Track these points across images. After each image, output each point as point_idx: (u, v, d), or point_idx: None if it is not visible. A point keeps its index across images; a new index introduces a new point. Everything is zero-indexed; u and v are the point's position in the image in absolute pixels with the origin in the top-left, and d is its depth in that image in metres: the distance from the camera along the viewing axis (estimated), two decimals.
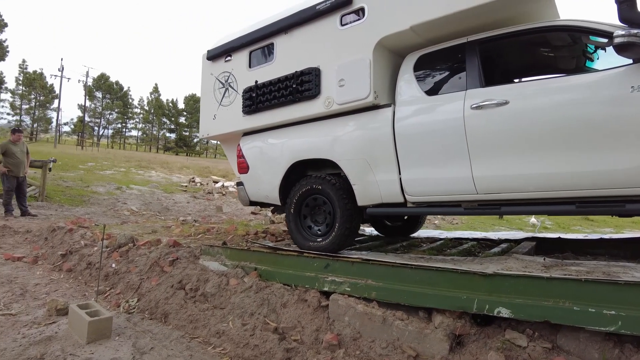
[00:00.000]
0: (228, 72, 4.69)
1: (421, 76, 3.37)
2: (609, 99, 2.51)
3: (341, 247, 3.59)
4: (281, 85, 3.99)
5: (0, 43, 30.03)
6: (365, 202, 3.52)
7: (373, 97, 3.37)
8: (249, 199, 4.53)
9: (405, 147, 3.24)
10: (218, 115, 4.80)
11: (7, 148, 7.66)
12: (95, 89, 65.96)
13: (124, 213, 9.66)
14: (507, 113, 2.80)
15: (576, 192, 2.62)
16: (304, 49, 3.93)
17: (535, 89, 2.85)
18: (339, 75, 3.59)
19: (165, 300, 3.78)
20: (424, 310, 2.86)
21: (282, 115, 4.06)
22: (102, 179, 16.16)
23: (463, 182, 2.97)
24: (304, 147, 3.88)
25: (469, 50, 3.12)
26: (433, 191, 3.15)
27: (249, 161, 4.39)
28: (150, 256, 4.45)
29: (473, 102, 2.93)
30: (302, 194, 3.84)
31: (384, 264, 2.98)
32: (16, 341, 3.14)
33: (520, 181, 2.78)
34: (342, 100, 3.56)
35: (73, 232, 5.62)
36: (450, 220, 14.11)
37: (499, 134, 2.83)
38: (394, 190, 3.32)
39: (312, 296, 3.21)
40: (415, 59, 3.41)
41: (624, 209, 2.51)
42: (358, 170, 3.49)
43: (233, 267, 3.84)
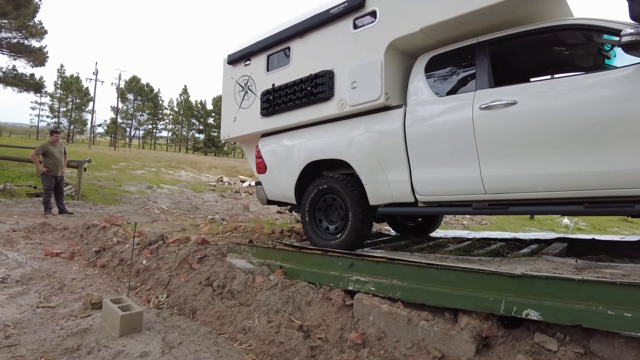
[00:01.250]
0: (247, 75, 4.84)
1: (432, 77, 3.40)
2: (617, 98, 2.48)
3: (354, 245, 3.66)
4: (296, 87, 4.11)
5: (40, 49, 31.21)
6: (376, 201, 3.58)
7: (384, 98, 3.42)
8: (266, 198, 4.68)
9: (415, 147, 3.29)
10: (238, 117, 4.97)
11: (46, 149, 8.03)
12: (127, 91, 68.17)
13: (154, 211, 9.95)
14: (516, 113, 2.81)
15: (584, 192, 2.62)
16: (318, 52, 4.03)
17: (543, 89, 2.85)
18: (352, 77, 3.67)
19: (193, 297, 3.88)
20: (449, 311, 2.82)
21: (298, 117, 4.18)
22: (134, 179, 16.69)
23: (472, 182, 3.00)
24: (318, 148, 3.99)
25: (479, 50, 3.13)
26: (443, 191, 3.19)
27: (266, 162, 4.53)
28: (179, 253, 4.58)
29: (482, 102, 2.95)
30: (316, 193, 3.95)
31: (410, 263, 2.96)
32: (55, 332, 3.30)
33: (528, 181, 2.79)
34: (354, 102, 3.64)
35: (106, 229, 5.84)
36: (479, 221, 13.82)
37: (507, 135, 2.85)
38: (404, 190, 3.38)
39: (337, 295, 3.22)
40: (427, 60, 3.44)
41: (634, 209, 2.49)
42: (370, 170, 3.56)
43: (259, 265, 3.90)
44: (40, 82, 34.09)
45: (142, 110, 72.07)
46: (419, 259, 3.22)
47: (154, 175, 19.75)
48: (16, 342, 3.11)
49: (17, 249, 5.58)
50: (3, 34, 29.76)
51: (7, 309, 3.76)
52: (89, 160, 11.05)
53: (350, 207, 3.66)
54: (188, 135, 77.76)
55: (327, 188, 3.86)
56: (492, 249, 3.95)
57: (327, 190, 3.87)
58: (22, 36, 30.07)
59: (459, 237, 4.85)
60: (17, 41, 30.13)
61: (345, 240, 3.66)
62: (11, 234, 6.11)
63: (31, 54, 30.85)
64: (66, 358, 2.90)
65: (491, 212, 3.08)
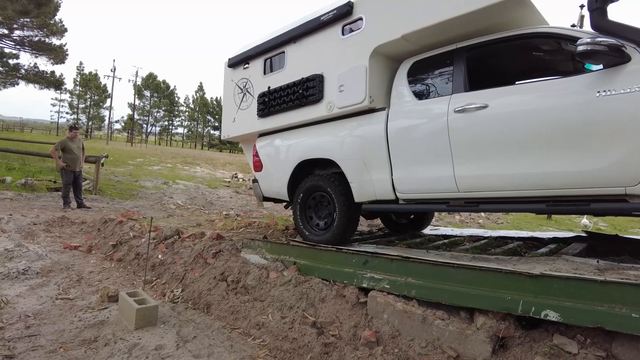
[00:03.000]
0: (246, 78, 5.06)
1: (413, 81, 3.55)
2: (576, 103, 2.62)
3: (341, 240, 3.86)
4: (290, 90, 4.31)
5: (60, 47, 31.82)
6: (361, 198, 3.77)
7: (368, 101, 3.59)
8: (262, 195, 4.91)
9: (396, 148, 3.46)
10: (237, 118, 5.20)
11: (65, 144, 8.19)
12: (143, 88, 69.11)
13: (170, 207, 10.07)
14: (486, 116, 2.95)
15: (548, 191, 2.77)
16: (310, 57, 4.21)
17: (511, 93, 3.01)
18: (340, 81, 3.85)
19: (207, 291, 3.91)
20: (465, 311, 2.78)
21: (291, 118, 4.38)
22: (150, 174, 16.92)
23: (446, 181, 3.16)
24: (309, 147, 4.19)
25: (457, 56, 3.28)
26: (420, 189, 3.36)
27: (263, 160, 4.77)
28: (194, 248, 4.61)
29: (456, 105, 3.10)
30: (306, 190, 4.17)
31: (425, 262, 2.92)
32: (73, 323, 3.36)
33: (497, 181, 2.94)
34: (341, 105, 3.83)
35: (123, 224, 5.93)
36: (495, 220, 13.62)
37: (478, 136, 2.99)
38: (386, 188, 3.55)
39: (351, 292, 3.20)
40: (409, 65, 3.59)
41: (589, 208, 2.65)
42: (355, 169, 3.74)
43: (273, 261, 3.90)
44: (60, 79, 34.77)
45: (159, 107, 73.01)
46: (434, 257, 3.18)
47: (170, 171, 19.99)
48: (36, 333, 3.18)
49: (37, 242, 5.71)
50: (25, 32, 30.41)
51: (28, 300, 3.84)
52: (107, 156, 11.23)
53: (337, 204, 3.87)
54: (203, 132, 78.52)
55: (316, 186, 4.07)
56: (509, 248, 3.88)
57: (316, 187, 4.08)
58: (44, 34, 30.72)
59: (475, 235, 4.78)
60: (39, 39, 30.79)
61: (333, 235, 3.87)
62: (32, 227, 6.25)
63: (52, 52, 31.48)
64: (84, 349, 2.94)
65: (465, 209, 3.22)
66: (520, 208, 2.99)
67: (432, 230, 5.48)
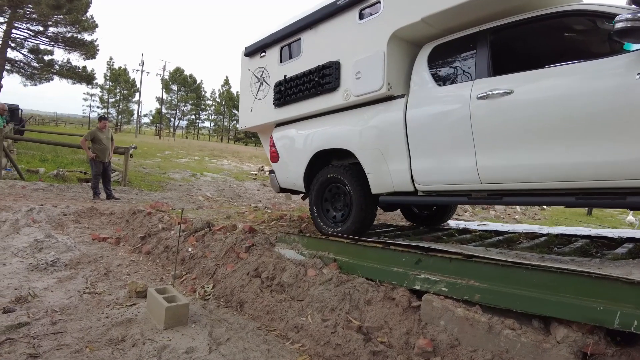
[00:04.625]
0: (262, 67, 4.96)
1: (434, 67, 3.37)
2: (613, 86, 2.39)
3: (357, 233, 3.72)
4: (306, 78, 4.17)
5: (92, 42, 32.56)
6: (378, 190, 3.64)
7: (386, 88, 3.42)
8: (279, 186, 4.82)
9: (415, 137, 3.29)
10: (254, 108, 5.09)
11: (94, 135, 8.12)
12: (171, 82, 70.09)
13: (198, 199, 9.93)
14: (511, 102, 2.75)
15: (577, 183, 2.56)
16: (326, 43, 4.07)
17: (539, 78, 2.75)
18: (356, 67, 3.68)
19: (240, 288, 3.64)
20: (539, 320, 2.39)
21: (307, 107, 4.25)
22: (178, 167, 16.97)
23: (468, 172, 2.98)
24: (325, 137, 4.07)
25: (481, 39, 3.07)
26: (441, 180, 3.19)
27: (279, 150, 4.68)
28: (225, 241, 4.36)
29: (479, 91, 2.90)
30: (322, 181, 4.06)
31: (491, 262, 2.53)
32: (100, 320, 3.16)
33: (522, 172, 2.75)
34: (358, 92, 3.67)
35: (151, 215, 5.75)
36: (532, 215, 12.93)
37: (502, 124, 2.80)
38: (404, 179, 3.40)
39: (401, 295, 2.85)
40: (430, 50, 3.41)
41: (625, 202, 2.44)
42: (372, 159, 3.60)
43: (310, 257, 3.59)
44: (92, 74, 35.65)
45: (186, 101, 73.95)
46: (497, 255, 2.79)
47: (198, 163, 20.06)
48: (62, 330, 2.98)
49: (67, 233, 5.61)
50: (59, 29, 31.26)
51: (55, 294, 3.68)
52: (135, 147, 11.23)
53: (353, 195, 3.75)
54: (229, 125, 79.17)
55: (332, 177, 3.95)
56: (577, 247, 3.43)
57: (332, 179, 3.97)
58: (76, 30, 31.48)
59: (531, 232, 4.33)
60: (71, 35, 31.59)
61: (349, 227, 3.76)
62: (62, 217, 6.17)
63: (83, 48, 32.26)
64: (110, 350, 2.72)
65: (487, 202, 3.08)
66: (547, 201, 2.77)
67: (481, 225, 5.04)
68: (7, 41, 29.43)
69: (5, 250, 4.75)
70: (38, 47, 32.06)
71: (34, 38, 31.53)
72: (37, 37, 31.43)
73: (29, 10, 28.19)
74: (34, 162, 12.12)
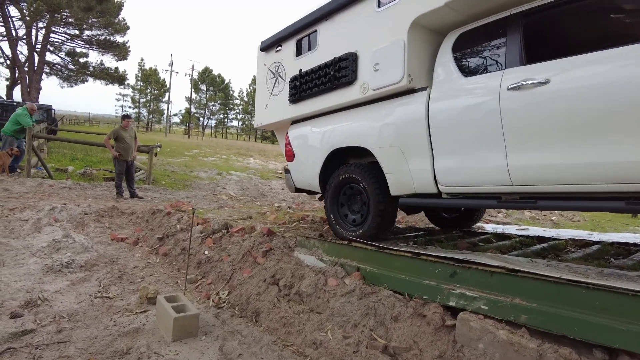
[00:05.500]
0: (278, 62, 4.74)
1: (460, 56, 3.08)
2: None
3: (375, 238, 3.45)
4: (321, 72, 3.94)
5: (123, 44, 33.47)
6: (398, 191, 3.37)
7: (407, 80, 3.16)
8: (294, 186, 4.59)
9: (438, 133, 3.01)
10: (269, 104, 4.88)
11: (118, 133, 8.09)
12: (200, 82, 71.26)
13: (222, 198, 9.81)
14: (547, 94, 2.44)
15: (628, 186, 2.21)
16: (343, 34, 3.83)
17: (581, 64, 2.39)
18: (375, 59, 3.43)
19: (257, 296, 3.38)
20: (602, 350, 2.00)
21: (322, 103, 4.01)
22: (205, 165, 17.01)
23: (497, 172, 2.68)
24: (340, 135, 3.82)
25: (512, 24, 2.77)
26: (467, 182, 2.89)
27: (294, 149, 4.46)
28: (243, 245, 4.12)
29: (510, 82, 2.61)
30: (338, 182, 3.80)
31: (541, 278, 2.16)
32: (107, 329, 2.97)
33: (560, 172, 2.42)
34: (376, 85, 3.41)
35: (170, 215, 5.59)
36: (570, 217, 12.13)
37: (537, 118, 2.48)
38: (426, 180, 3.12)
39: (433, 311, 2.50)
40: (455, 38, 3.12)
41: None
42: (391, 158, 3.34)
43: (331, 264, 3.29)
44: (124, 74, 36.66)
45: (214, 101, 75.04)
46: (546, 269, 2.41)
47: (225, 162, 20.11)
48: (66, 339, 2.81)
49: (86, 232, 5.52)
50: (93, 32, 32.28)
51: (66, 297, 3.53)
52: (160, 146, 11.23)
53: (371, 197, 3.48)
54: None
55: (348, 177, 3.69)
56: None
57: (349, 179, 3.70)
58: (109, 33, 32.41)
59: (578, 238, 3.87)
60: (105, 38, 32.55)
61: (366, 232, 3.48)
62: (83, 216, 6.11)
63: (116, 49, 33.18)
64: None
65: (520, 206, 2.79)
66: (591, 206, 2.48)
67: (520, 230, 4.60)
68: (46, 45, 30.62)
69: (25, 250, 4.69)
70: (74, 50, 33.24)
71: (70, 41, 32.70)
72: (73, 41, 32.57)
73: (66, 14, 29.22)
74: (64, 161, 12.35)
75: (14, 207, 6.00)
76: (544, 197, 2.58)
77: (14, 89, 29.16)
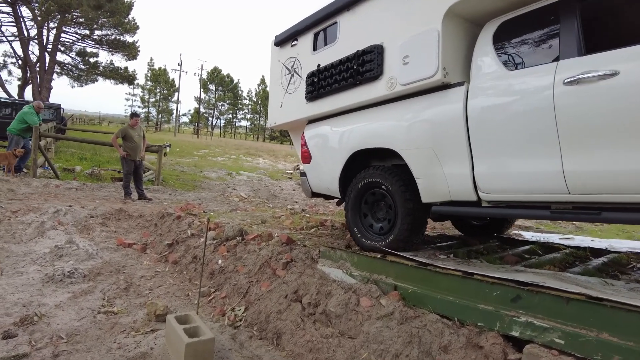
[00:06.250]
0: (294, 57, 4.46)
1: (502, 47, 2.77)
2: None
3: (403, 249, 3.13)
4: (342, 67, 3.65)
5: (133, 44, 33.49)
6: (430, 198, 3.04)
7: (442, 74, 2.86)
8: (311, 190, 4.30)
9: (479, 133, 2.71)
10: (284, 103, 4.61)
11: (126, 132, 7.78)
12: (209, 82, 71.21)
13: (233, 199, 9.47)
14: (615, 88, 2.12)
15: None
16: (367, 25, 3.54)
17: None
18: (404, 51, 3.13)
19: (277, 314, 3.01)
20: None
21: (343, 101, 3.72)
22: (214, 165, 16.72)
23: (551, 178, 2.37)
24: (365, 135, 3.51)
25: (565, 9, 2.45)
26: (513, 189, 2.58)
27: (311, 150, 4.18)
28: (260, 254, 3.75)
29: (567, 75, 2.30)
30: (361, 187, 3.48)
31: (635, 309, 1.75)
32: (110, 353, 2.63)
33: (632, 179, 2.10)
34: (406, 80, 3.12)
35: (180, 219, 5.25)
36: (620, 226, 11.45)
37: (602, 117, 2.17)
38: (465, 186, 2.80)
39: (492, 342, 2.11)
40: (496, 28, 2.82)
41: None
42: (423, 161, 3.03)
43: (363, 281, 2.91)
44: (133, 74, 36.67)
45: (223, 100, 74.97)
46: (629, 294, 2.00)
47: (234, 162, 19.83)
48: None
49: (92, 237, 5.20)
50: (103, 32, 32.32)
51: (66, 313, 3.20)
52: (169, 145, 10.94)
53: (399, 204, 3.15)
54: (265, 124, 79.55)
55: (372, 181, 3.36)
56: None
57: (373, 183, 3.38)
58: (119, 33, 32.43)
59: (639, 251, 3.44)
60: (115, 37, 32.57)
61: (392, 242, 3.16)
62: (89, 220, 5.79)
63: (125, 49, 33.19)
64: None
65: (578, 217, 2.41)
66: None
67: (564, 239, 4.17)
68: (57, 45, 30.70)
69: (26, 257, 4.38)
70: (84, 49, 33.31)
71: (81, 41, 32.79)
72: (84, 40, 32.63)
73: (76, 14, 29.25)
74: (72, 161, 12.11)
75: (17, 210, 5.70)
76: (611, 208, 2.24)
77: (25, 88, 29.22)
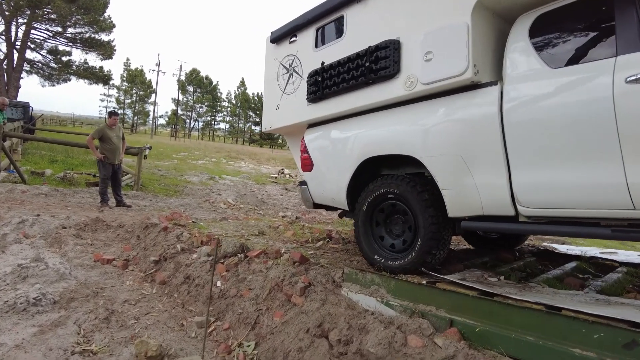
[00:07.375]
0: (293, 55, 4.12)
1: (541, 43, 2.48)
2: None
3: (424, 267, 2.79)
4: (351, 65, 3.32)
5: (109, 43, 32.38)
6: (458, 212, 2.71)
7: (472, 72, 2.57)
8: (312, 201, 3.90)
9: (518, 139, 2.43)
10: (281, 105, 4.25)
11: (103, 132, 7.07)
12: (187, 83, 69.63)
13: (220, 206, 8.82)
14: None
15: None
16: (380, 18, 3.24)
17: None
18: (426, 46, 2.85)
19: (298, 353, 2.47)
20: None
21: (352, 102, 3.39)
22: (195, 169, 15.97)
23: (611, 191, 2.11)
24: (377, 140, 3.19)
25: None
26: (560, 202, 2.28)
27: (313, 157, 3.82)
28: (268, 275, 3.19)
29: (629, 73, 2.05)
30: (374, 198, 3.12)
31: None
32: None
33: None
34: (429, 79, 2.81)
35: (168, 231, 4.62)
36: None
37: None
38: (501, 198, 2.49)
39: None
40: (532, 21, 2.55)
41: None
42: (449, 170, 2.71)
43: (405, 312, 2.40)
44: (108, 74, 35.42)
45: (202, 102, 73.40)
46: None
47: (215, 165, 19.10)
48: None
49: (63, 252, 4.51)
50: (77, 29, 31.06)
51: (30, 356, 2.56)
52: (150, 148, 10.20)
53: (420, 218, 2.80)
54: (245, 127, 78.44)
55: (388, 192, 3.02)
56: None
57: (388, 195, 3.02)
58: (93, 31, 31.24)
59: None
60: (89, 36, 31.37)
61: (413, 262, 2.80)
62: (60, 231, 5.09)
63: (101, 48, 32.00)
64: None
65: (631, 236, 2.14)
66: None
67: (606, 254, 3.77)
68: (26, 42, 29.30)
69: None
70: (57, 47, 31.96)
71: (52, 39, 31.43)
72: (56, 38, 31.29)
73: (48, 10, 27.99)
74: (42, 163, 11.18)
75: None
76: None
77: None
